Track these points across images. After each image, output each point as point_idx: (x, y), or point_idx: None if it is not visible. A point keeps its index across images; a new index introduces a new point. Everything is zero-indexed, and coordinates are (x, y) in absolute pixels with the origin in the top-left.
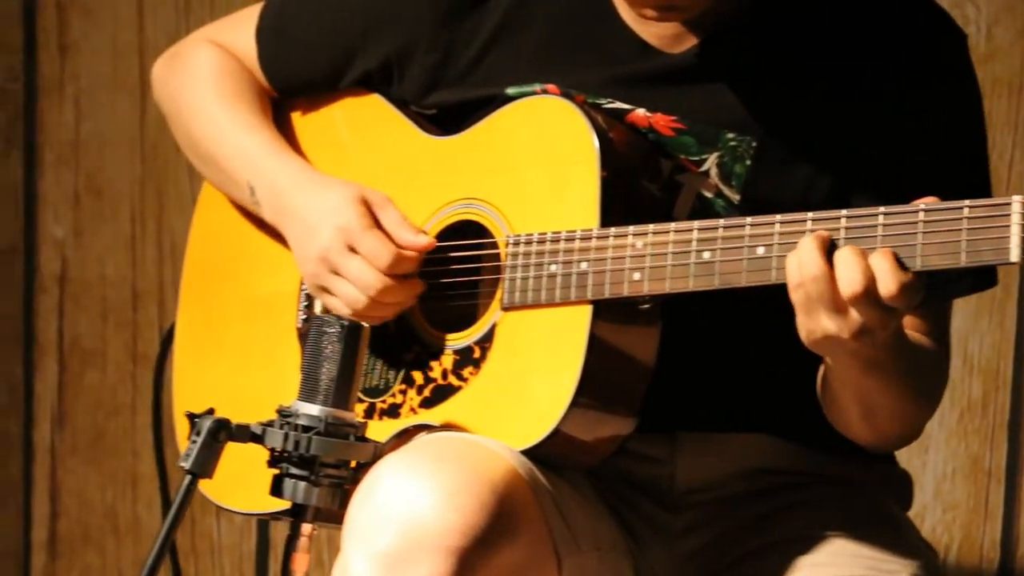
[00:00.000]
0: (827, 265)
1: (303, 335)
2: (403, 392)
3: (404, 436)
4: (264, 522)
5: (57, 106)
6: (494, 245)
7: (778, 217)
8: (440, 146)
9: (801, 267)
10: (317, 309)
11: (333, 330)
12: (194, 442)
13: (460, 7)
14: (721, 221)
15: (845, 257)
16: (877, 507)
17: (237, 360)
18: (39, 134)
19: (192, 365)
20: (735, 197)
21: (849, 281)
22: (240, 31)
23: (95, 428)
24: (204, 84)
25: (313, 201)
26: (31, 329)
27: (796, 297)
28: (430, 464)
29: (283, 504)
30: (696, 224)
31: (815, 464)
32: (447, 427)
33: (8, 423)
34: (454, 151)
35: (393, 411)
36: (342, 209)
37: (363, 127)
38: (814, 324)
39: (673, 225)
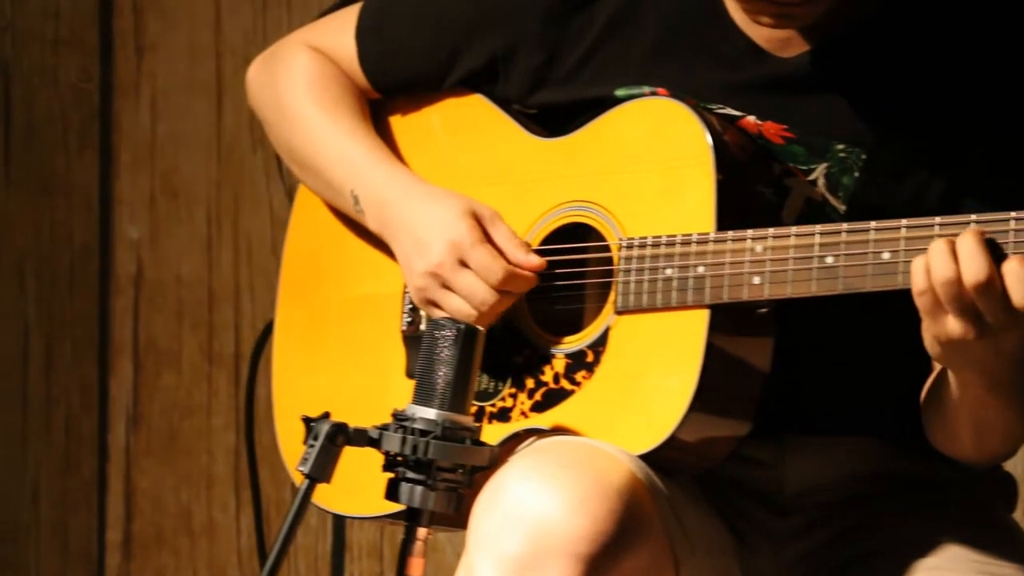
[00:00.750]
0: (958, 268)
1: (408, 338)
2: (513, 396)
3: (514, 440)
4: (340, 524)
5: (133, 107)
6: (606, 248)
7: (904, 221)
8: (547, 148)
9: (931, 271)
10: (423, 313)
11: (449, 334)
12: (312, 446)
13: (569, 5)
14: (844, 225)
15: (971, 253)
16: (986, 510)
17: (338, 362)
18: (115, 135)
19: (292, 366)
20: (841, 207)
21: (975, 272)
22: (337, 33)
23: (170, 429)
24: (303, 90)
25: (421, 214)
26: (106, 330)
27: (922, 302)
28: (557, 469)
29: (392, 507)
30: (818, 228)
31: (923, 467)
32: (559, 431)
33: (81, 425)
34: (562, 153)
35: (503, 415)
36: (453, 224)
37: (465, 128)
38: (939, 328)
39: (794, 229)
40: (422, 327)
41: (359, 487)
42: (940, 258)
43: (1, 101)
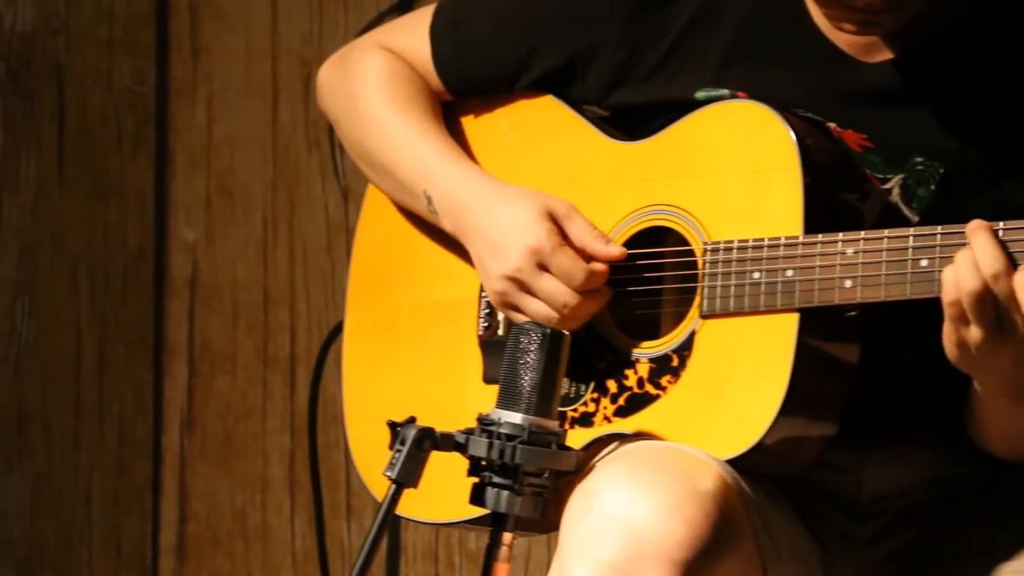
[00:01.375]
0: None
1: (485, 343)
2: (595, 400)
3: (597, 445)
4: (395, 526)
5: (189, 109)
6: (690, 252)
7: (1001, 225)
8: (625, 151)
9: (959, 280)
10: (500, 318)
11: (535, 338)
12: (399, 451)
13: (648, 5)
14: (939, 228)
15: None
16: None
17: (411, 366)
18: (171, 137)
19: (363, 370)
20: (914, 218)
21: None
22: (410, 33)
23: (224, 432)
24: (375, 90)
25: (497, 216)
26: (161, 333)
27: (951, 312)
28: (651, 474)
29: (468, 513)
30: (911, 231)
31: (1001, 469)
32: (643, 436)
33: (134, 428)
34: (641, 156)
35: (585, 420)
36: (531, 226)
37: (538, 130)
38: (962, 336)
39: (886, 232)
40: (500, 332)
41: (436, 492)
42: (966, 267)
43: (55, 104)
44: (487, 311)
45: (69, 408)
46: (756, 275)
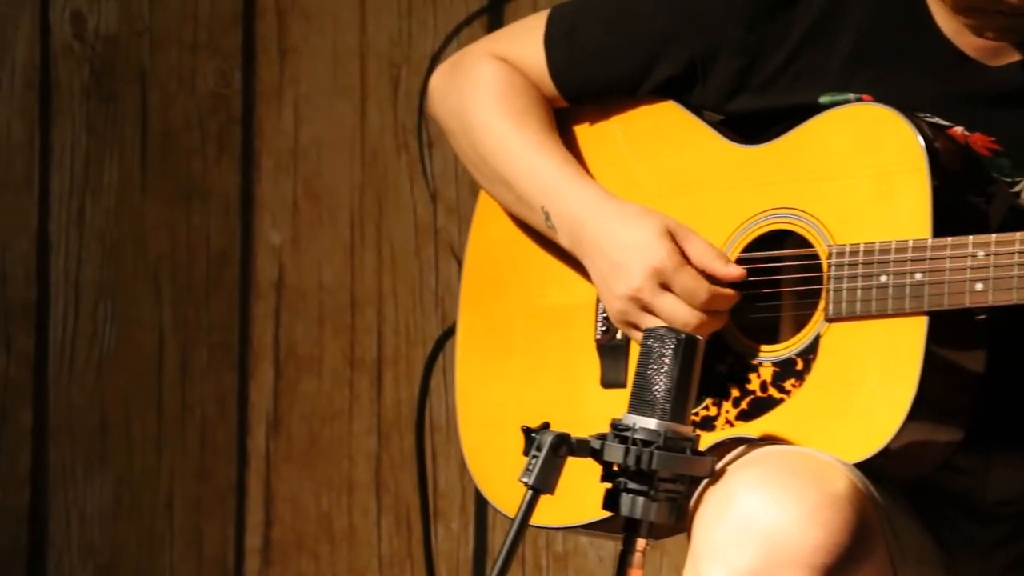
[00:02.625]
0: None
1: (603, 347)
2: (717, 404)
3: (719, 449)
4: (482, 529)
5: (276, 111)
6: (814, 256)
7: None
8: (747, 154)
9: None
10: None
11: (669, 343)
12: (535, 457)
13: (769, 9)
14: None
15: None
16: None
17: (526, 370)
18: (257, 140)
19: (476, 375)
20: None
21: None
22: (524, 41)
23: (310, 435)
24: (490, 102)
25: (617, 234)
26: (246, 336)
27: None
28: (786, 478)
29: (589, 517)
30: None
31: None
32: (767, 440)
33: (216, 431)
34: (764, 160)
35: (707, 424)
36: (652, 247)
37: (658, 135)
38: None
39: (1018, 235)
40: (618, 336)
41: (553, 497)
42: None
43: (138, 107)
44: (604, 315)
45: (151, 412)
46: (884, 278)
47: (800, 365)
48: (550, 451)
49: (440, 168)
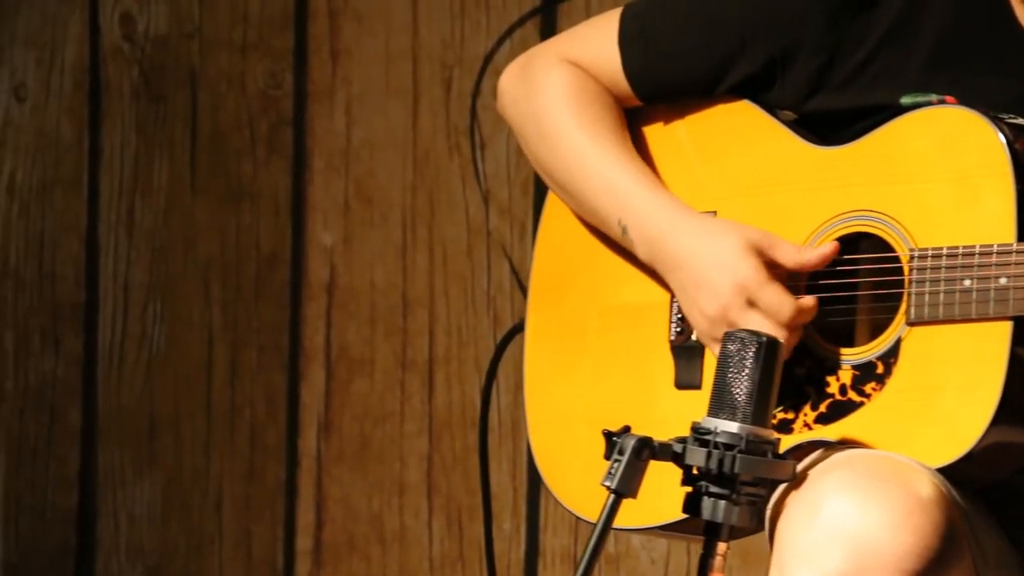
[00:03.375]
0: None
1: (678, 348)
2: (795, 408)
3: (797, 452)
4: (533, 529)
5: (328, 113)
6: (895, 259)
7: None
8: (826, 156)
9: None
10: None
11: (751, 347)
12: (617, 461)
13: (848, 8)
14: None
15: None
16: None
17: (597, 371)
18: (308, 141)
19: (545, 374)
20: None
21: None
22: (595, 42)
23: (361, 436)
24: (563, 110)
25: (699, 250)
26: (297, 337)
27: None
28: (875, 483)
29: (662, 518)
30: None
31: None
32: (846, 444)
33: (266, 433)
34: (843, 161)
35: (784, 427)
36: (737, 263)
37: (733, 135)
38: None
39: None
40: (693, 337)
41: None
42: None
43: (187, 108)
44: (679, 316)
45: (200, 413)
46: (967, 282)
47: (881, 368)
48: (632, 455)
49: (492, 169)
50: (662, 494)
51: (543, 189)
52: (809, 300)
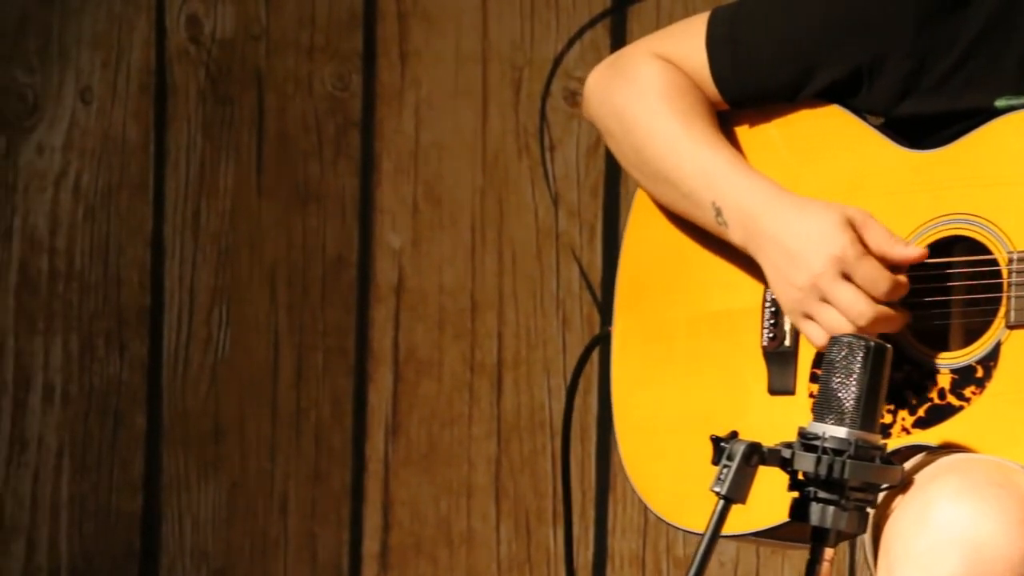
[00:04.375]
0: None
1: (770, 354)
2: (892, 412)
3: (896, 456)
4: (602, 533)
5: (396, 114)
6: (993, 262)
7: None
8: (919, 159)
9: None
10: (786, 328)
11: (858, 351)
12: (726, 467)
13: (938, 12)
14: None
15: None
16: None
17: (688, 375)
18: (377, 143)
19: (634, 380)
20: None
21: None
22: (685, 42)
23: (429, 438)
24: (655, 100)
25: (794, 224)
26: (364, 339)
27: None
28: (988, 488)
29: (758, 524)
30: None
31: None
32: (946, 448)
33: (332, 435)
34: (937, 164)
35: (882, 431)
36: (832, 235)
37: (820, 139)
38: None
39: None
40: (786, 342)
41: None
42: None
43: (254, 110)
44: (771, 321)
45: (265, 416)
46: None
47: (980, 372)
48: (742, 460)
49: (562, 171)
50: (758, 499)
51: (613, 192)
52: (903, 278)
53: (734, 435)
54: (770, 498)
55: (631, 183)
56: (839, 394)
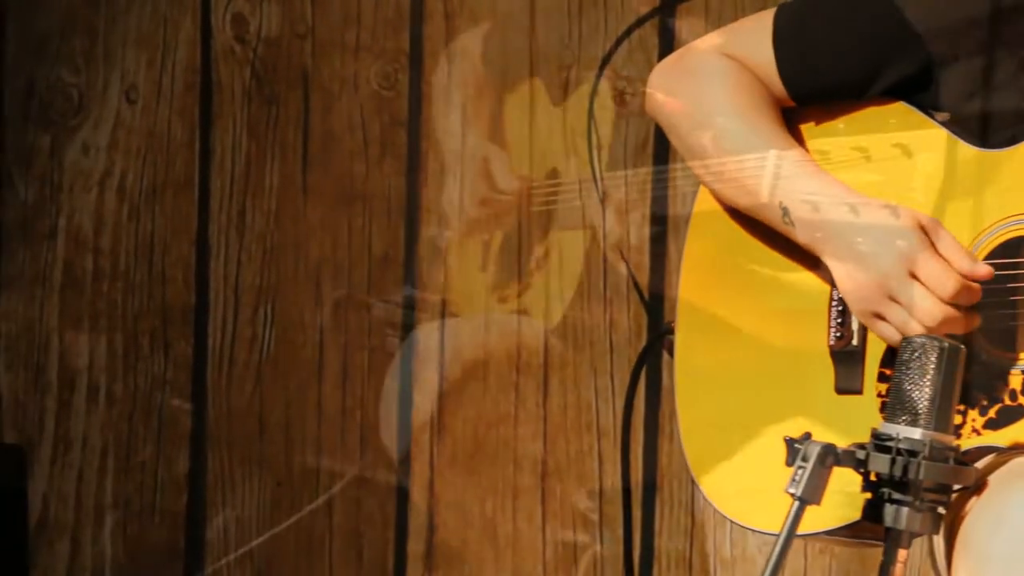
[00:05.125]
0: None
1: (837, 353)
2: (962, 413)
3: (964, 458)
4: (649, 535)
5: (443, 113)
6: None
7: None
8: (988, 158)
9: None
10: (853, 327)
11: (932, 352)
12: (801, 468)
13: (1008, 8)
14: None
15: None
16: None
17: (753, 376)
18: (424, 142)
19: (698, 381)
20: None
21: None
22: (751, 39)
23: (475, 439)
24: (720, 97)
25: (863, 226)
26: (410, 339)
27: None
28: None
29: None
30: None
31: None
32: (1018, 449)
33: (377, 435)
34: (1008, 163)
35: (953, 433)
36: (903, 235)
37: (887, 137)
38: None
39: None
40: (853, 342)
41: (773, 501)
42: None
43: (299, 109)
44: (839, 320)
45: (311, 415)
46: None
47: None
48: (817, 462)
49: (609, 170)
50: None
51: (661, 191)
52: (975, 284)
53: (808, 436)
54: (838, 498)
55: (680, 182)
56: (913, 395)
